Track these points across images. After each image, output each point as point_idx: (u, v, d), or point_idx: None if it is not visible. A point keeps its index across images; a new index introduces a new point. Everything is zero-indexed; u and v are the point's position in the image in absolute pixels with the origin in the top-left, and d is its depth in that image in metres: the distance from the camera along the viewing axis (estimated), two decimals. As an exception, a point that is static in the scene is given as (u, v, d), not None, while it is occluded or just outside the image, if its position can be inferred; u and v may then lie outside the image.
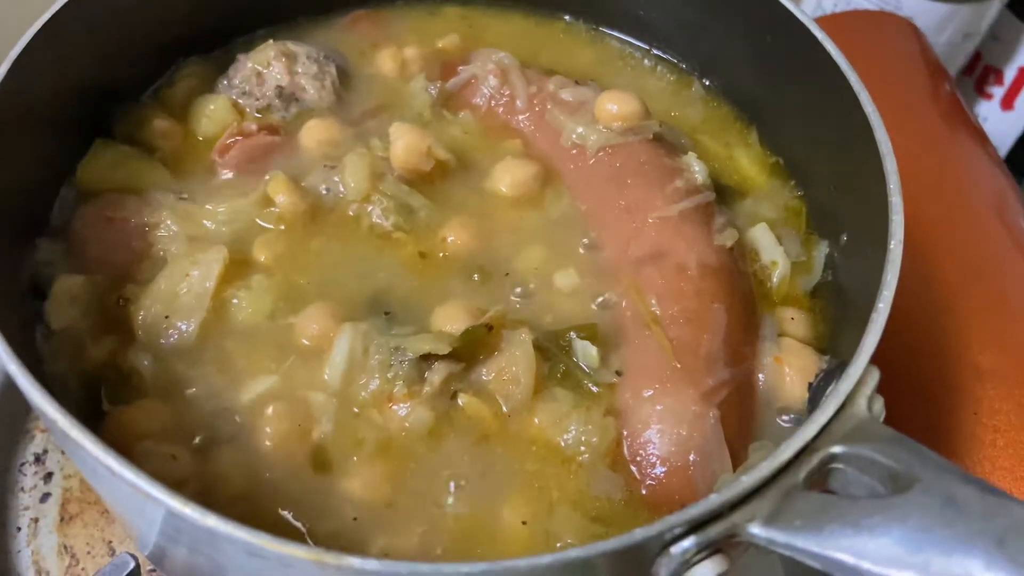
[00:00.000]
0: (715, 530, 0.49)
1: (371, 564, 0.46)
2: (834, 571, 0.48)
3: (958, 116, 1.13)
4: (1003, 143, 1.45)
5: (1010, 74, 1.40)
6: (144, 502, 0.50)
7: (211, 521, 0.47)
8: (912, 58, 1.17)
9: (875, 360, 0.57)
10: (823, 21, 1.21)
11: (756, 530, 0.49)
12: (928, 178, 1.03)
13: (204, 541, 0.51)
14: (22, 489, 0.95)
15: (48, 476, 0.95)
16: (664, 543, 0.49)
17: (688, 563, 0.50)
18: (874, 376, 0.56)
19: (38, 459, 0.97)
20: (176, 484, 0.54)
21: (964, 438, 0.87)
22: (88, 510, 0.92)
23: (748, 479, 0.50)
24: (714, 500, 0.49)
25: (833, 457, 0.52)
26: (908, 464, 0.49)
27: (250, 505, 0.58)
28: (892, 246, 0.61)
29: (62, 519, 0.92)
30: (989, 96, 1.44)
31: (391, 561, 0.47)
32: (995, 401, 0.88)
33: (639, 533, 0.47)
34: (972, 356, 0.89)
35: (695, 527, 0.49)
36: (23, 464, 0.96)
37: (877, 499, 0.48)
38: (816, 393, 0.63)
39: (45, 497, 0.94)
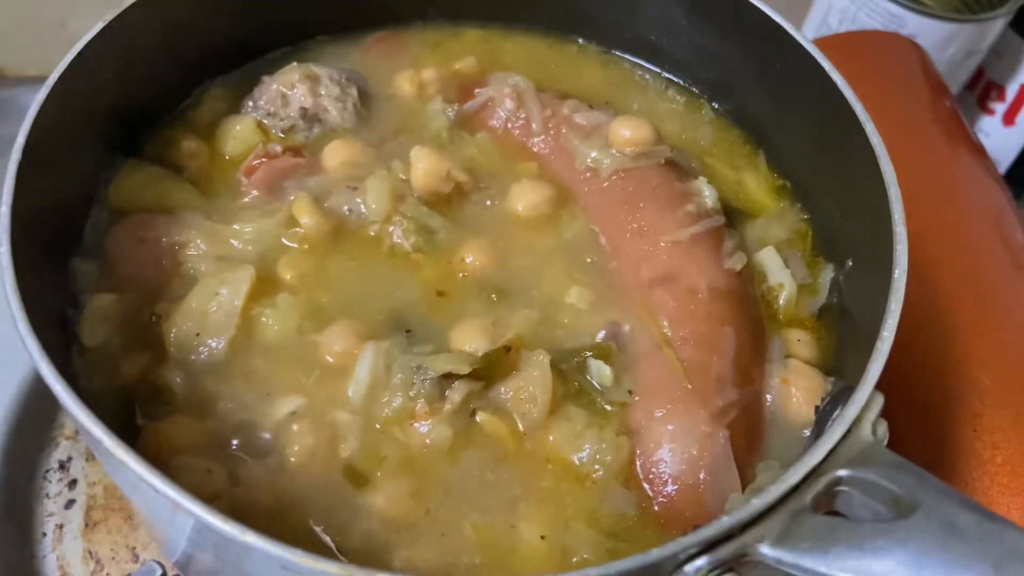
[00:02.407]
0: (727, 550, 0.52)
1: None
2: (840, 591, 0.50)
3: (959, 133, 1.16)
4: (1005, 158, 1.48)
5: (1012, 90, 1.42)
6: (179, 515, 0.53)
7: (250, 538, 0.50)
8: (914, 76, 1.19)
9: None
10: (828, 40, 1.23)
11: (766, 550, 0.52)
12: (928, 195, 1.06)
13: (238, 554, 0.54)
14: (47, 495, 0.97)
15: (73, 483, 0.98)
16: (678, 562, 0.52)
17: (700, 582, 0.52)
18: (878, 402, 0.59)
19: (62, 466, 1.00)
20: (210, 497, 0.57)
21: (963, 454, 0.89)
22: (112, 516, 0.95)
23: (758, 501, 0.52)
24: (726, 522, 0.52)
25: (839, 480, 0.55)
26: (910, 489, 0.52)
27: (281, 518, 0.60)
28: (896, 275, 0.63)
29: (87, 525, 0.95)
30: (991, 112, 1.46)
31: (419, 577, 0.50)
32: (994, 418, 0.90)
33: (655, 553, 0.50)
34: (971, 372, 0.92)
35: (708, 547, 0.52)
36: (48, 471, 0.99)
37: (881, 523, 0.51)
38: (823, 416, 0.65)
39: (70, 503, 0.97)
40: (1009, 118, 1.44)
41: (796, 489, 0.54)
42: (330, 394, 0.70)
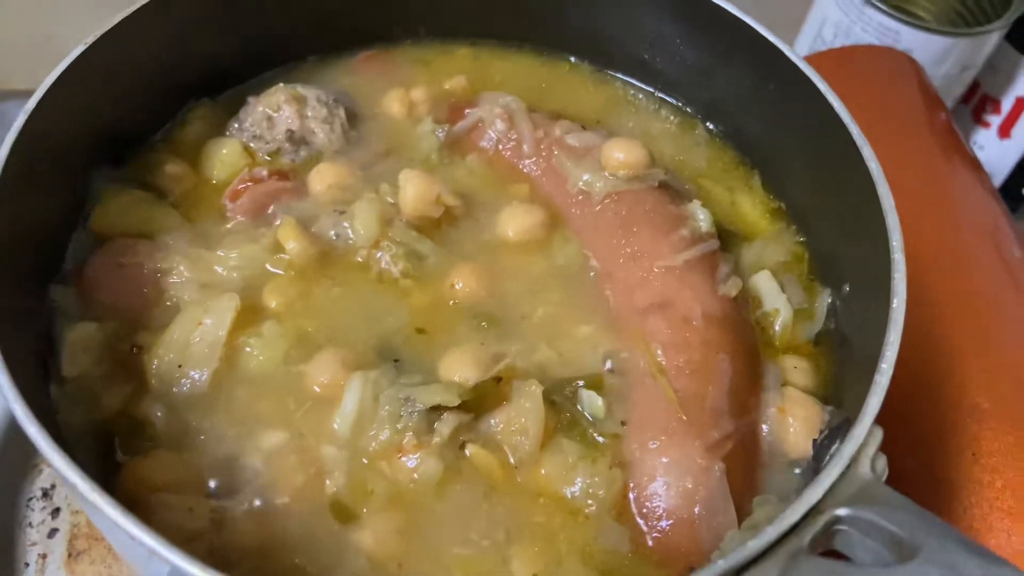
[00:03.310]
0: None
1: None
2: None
3: (954, 147, 1.15)
4: (1000, 170, 1.47)
5: (1007, 103, 1.42)
6: (154, 560, 0.51)
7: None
8: (910, 91, 1.19)
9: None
10: (823, 55, 1.22)
11: (763, 595, 0.50)
12: (925, 212, 1.05)
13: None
14: (30, 524, 0.95)
15: (56, 511, 0.96)
16: (673, 607, 0.50)
17: (695, 628, 0.51)
18: (877, 436, 0.57)
19: (46, 494, 0.98)
20: (192, 537, 0.55)
21: (962, 479, 0.88)
22: (95, 546, 0.93)
23: (754, 543, 0.51)
24: (722, 566, 0.50)
25: (838, 519, 0.54)
26: (912, 530, 0.50)
27: (265, 557, 0.59)
28: (895, 305, 0.62)
29: (70, 555, 0.93)
30: (987, 124, 1.46)
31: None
32: (992, 442, 0.89)
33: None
34: (970, 396, 0.90)
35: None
36: (31, 499, 0.97)
37: (882, 568, 0.49)
38: (820, 450, 0.64)
39: (53, 532, 0.95)
40: (1004, 131, 1.44)
41: (794, 529, 0.53)
42: (316, 427, 0.68)
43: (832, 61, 1.21)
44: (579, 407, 0.70)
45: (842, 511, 0.53)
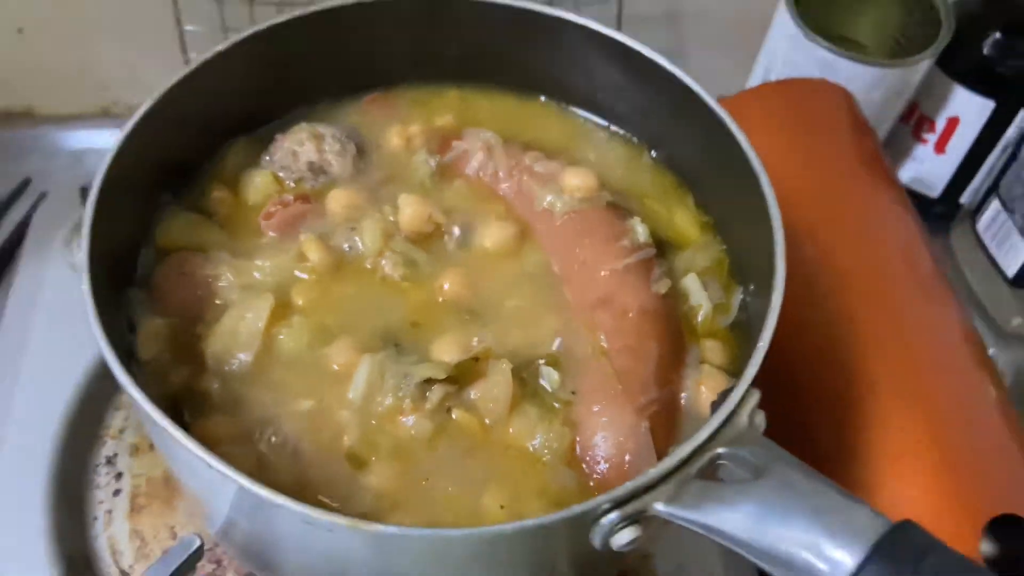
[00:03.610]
0: (631, 507, 0.70)
1: (391, 529, 0.67)
2: (712, 536, 0.69)
3: (878, 171, 1.33)
4: (937, 183, 1.64)
5: (941, 123, 1.58)
6: (226, 485, 0.71)
7: (279, 499, 0.68)
8: (841, 120, 1.36)
9: (779, 381, 0.78)
10: (764, 88, 1.41)
11: (659, 507, 0.70)
12: (847, 226, 1.23)
13: (269, 515, 0.72)
14: (97, 486, 1.16)
15: (119, 475, 1.17)
16: (596, 515, 0.70)
17: (612, 531, 0.71)
18: (754, 396, 0.77)
19: (109, 461, 1.18)
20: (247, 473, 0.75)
21: (863, 445, 1.07)
22: (154, 502, 1.14)
23: (654, 471, 0.71)
24: (630, 486, 0.70)
25: (719, 456, 0.73)
26: (766, 460, 0.70)
27: (297, 493, 0.78)
28: (774, 299, 0.82)
29: (132, 510, 1.14)
30: (925, 141, 1.62)
31: (405, 527, 0.68)
32: (885, 416, 1.07)
33: (577, 508, 0.68)
34: (869, 375, 1.09)
35: (617, 504, 0.70)
36: (97, 465, 1.18)
37: (740, 483, 0.69)
38: (716, 409, 0.83)
39: (117, 492, 1.15)
40: (940, 147, 1.61)
41: (686, 463, 0.72)
42: (335, 396, 0.88)
43: (772, 93, 1.40)
44: (540, 380, 0.90)
45: (722, 450, 0.73)
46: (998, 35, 1.47)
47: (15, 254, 1.38)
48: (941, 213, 1.66)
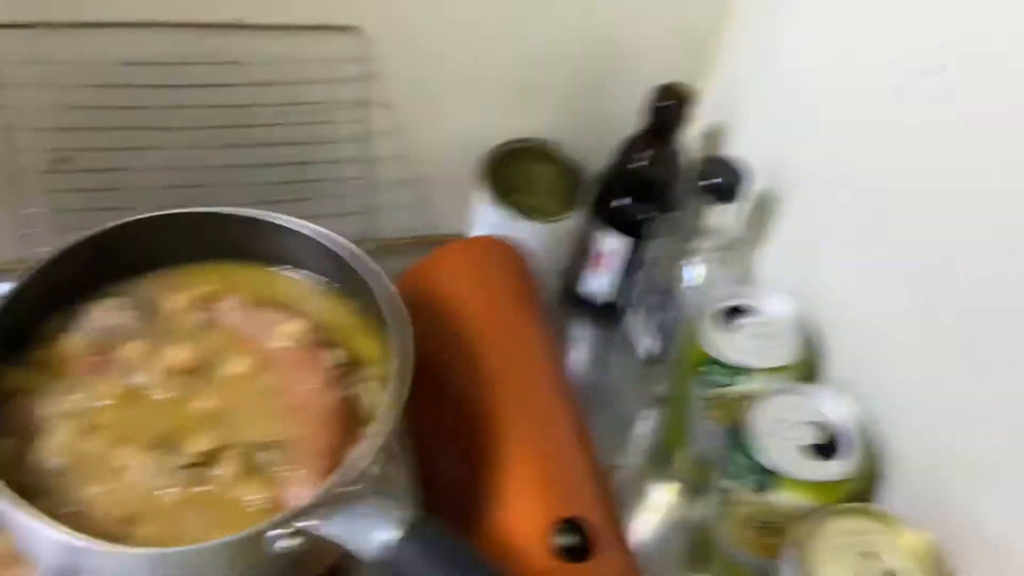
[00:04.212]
0: (287, 526, 1.22)
1: (135, 551, 1.17)
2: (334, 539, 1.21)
3: (531, 308, 1.70)
4: (602, 293, 2.23)
5: (602, 253, 2.18)
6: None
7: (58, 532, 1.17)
8: (509, 269, 1.76)
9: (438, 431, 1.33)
10: (455, 245, 1.74)
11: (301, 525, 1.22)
12: (503, 351, 1.71)
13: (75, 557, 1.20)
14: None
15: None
16: (265, 531, 1.21)
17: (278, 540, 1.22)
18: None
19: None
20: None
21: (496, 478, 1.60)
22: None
23: (300, 503, 1.23)
24: (288, 512, 1.22)
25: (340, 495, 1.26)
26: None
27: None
28: (393, 397, 1.36)
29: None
30: (596, 266, 2.22)
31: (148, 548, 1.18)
32: (516, 455, 1.61)
33: (247, 531, 1.19)
34: (502, 423, 1.61)
35: (278, 525, 1.22)
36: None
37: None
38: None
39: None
40: (602, 269, 2.22)
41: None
42: (120, 482, 1.36)
43: (461, 249, 1.89)
44: (262, 458, 1.41)
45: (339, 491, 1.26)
46: (627, 199, 2.12)
47: None
48: (606, 312, 2.29)
